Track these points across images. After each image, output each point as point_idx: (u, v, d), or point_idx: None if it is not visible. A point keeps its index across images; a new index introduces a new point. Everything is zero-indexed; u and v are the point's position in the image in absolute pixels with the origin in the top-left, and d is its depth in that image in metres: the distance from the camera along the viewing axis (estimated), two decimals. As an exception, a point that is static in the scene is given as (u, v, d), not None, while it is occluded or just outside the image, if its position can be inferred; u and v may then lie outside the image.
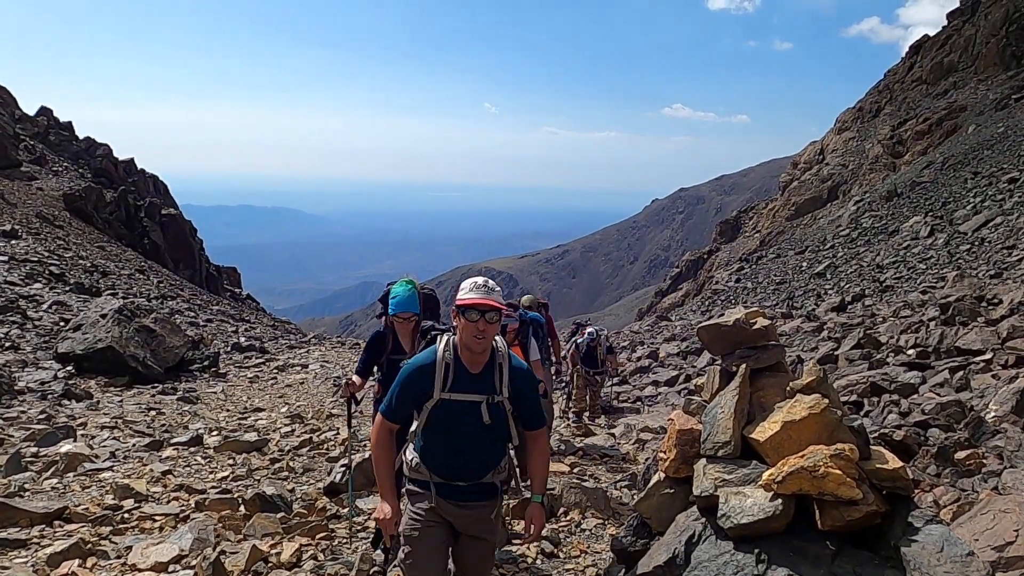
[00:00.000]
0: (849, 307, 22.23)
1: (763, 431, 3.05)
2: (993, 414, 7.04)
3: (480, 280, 3.13)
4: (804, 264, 39.27)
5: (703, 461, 3.26)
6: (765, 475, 2.83)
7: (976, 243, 29.75)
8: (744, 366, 3.23)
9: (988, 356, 8.89)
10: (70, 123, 44.89)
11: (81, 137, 44.27)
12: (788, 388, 3.17)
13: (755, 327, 3.26)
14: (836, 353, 11.77)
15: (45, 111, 44.36)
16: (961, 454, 6.06)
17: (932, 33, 62.28)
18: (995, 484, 5.29)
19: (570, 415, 11.24)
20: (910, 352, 10.32)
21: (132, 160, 44.73)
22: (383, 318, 4.94)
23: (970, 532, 3.65)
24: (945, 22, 60.75)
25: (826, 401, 2.93)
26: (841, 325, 15.43)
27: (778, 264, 42.58)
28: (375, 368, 4.97)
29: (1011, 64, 48.52)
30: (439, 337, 3.19)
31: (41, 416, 8.59)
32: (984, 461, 5.97)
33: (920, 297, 21.40)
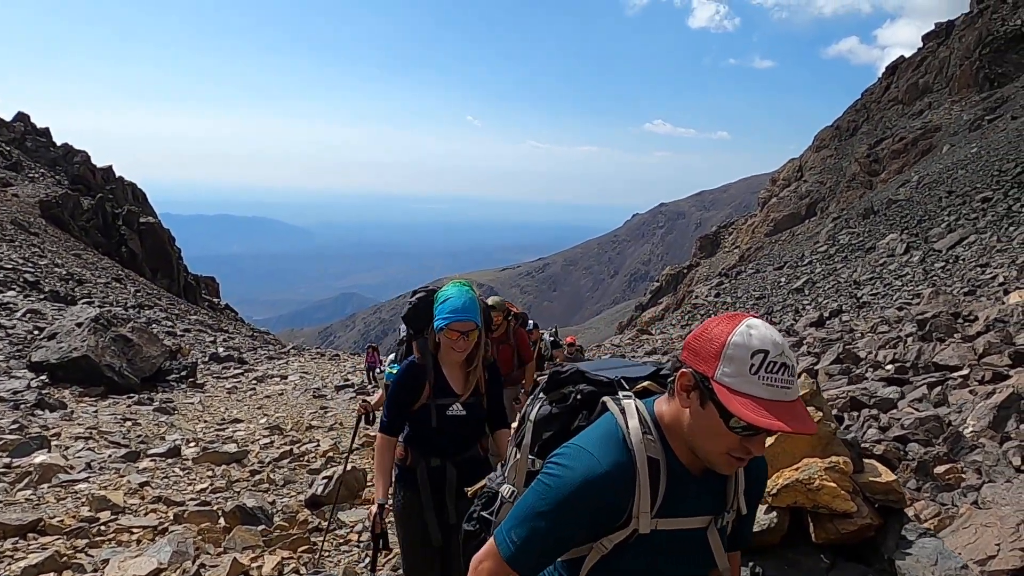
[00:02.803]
0: (827, 322, 22.50)
1: (757, 444, 3.03)
2: (971, 429, 7.12)
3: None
4: (783, 279, 39.67)
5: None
6: (760, 488, 2.83)
7: (951, 260, 30.25)
8: None
9: (965, 372, 8.99)
10: (47, 129, 44.38)
11: (58, 144, 43.78)
12: (781, 401, 3.17)
13: None
14: (816, 368, 11.86)
15: (22, 117, 43.83)
16: (940, 468, 6.11)
17: (908, 55, 63.57)
18: (975, 499, 5.33)
19: None
20: (888, 367, 10.42)
21: (110, 167, 44.26)
22: (413, 342, 3.38)
23: (953, 546, 3.68)
24: (920, 44, 62.04)
25: (820, 414, 2.95)
26: (820, 340, 15.56)
27: (757, 279, 42.98)
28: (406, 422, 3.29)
29: (984, 86, 49.58)
30: (614, 405, 1.66)
31: (13, 426, 8.41)
32: (963, 476, 6.03)
33: (896, 313, 21.69)
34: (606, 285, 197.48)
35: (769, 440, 3.04)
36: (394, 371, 3.45)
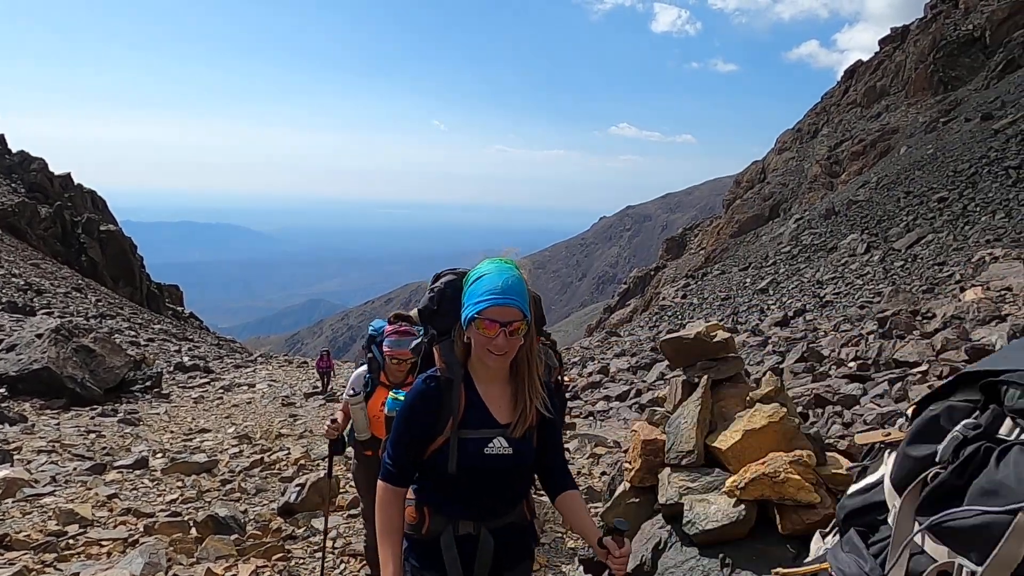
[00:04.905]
0: (791, 322, 22.90)
1: (725, 440, 3.15)
2: (930, 423, 7.34)
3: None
4: (748, 280, 40.27)
5: (667, 470, 3.34)
6: (728, 482, 2.93)
7: (909, 259, 31.02)
8: (706, 377, 3.35)
9: (924, 368, 9.26)
10: (2, 136, 43.31)
11: (14, 151, 42.72)
12: (748, 398, 3.29)
13: (716, 340, 3.38)
14: (781, 366, 12.10)
15: (-24, 123, 42.72)
16: (902, 462, 6.30)
17: (866, 59, 65.03)
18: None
19: None
20: (851, 365, 10.68)
21: (69, 175, 43.34)
22: (434, 347, 2.29)
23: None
24: (878, 48, 63.50)
25: (784, 410, 3.05)
26: (785, 339, 15.87)
27: (723, 280, 43.55)
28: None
29: (939, 89, 50.91)
30: None
31: (-29, 441, 8.23)
32: (924, 469, 6.21)
33: (858, 312, 22.18)
34: (574, 288, 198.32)
35: (736, 436, 3.14)
36: (397, 397, 2.47)
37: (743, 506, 2.91)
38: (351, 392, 3.92)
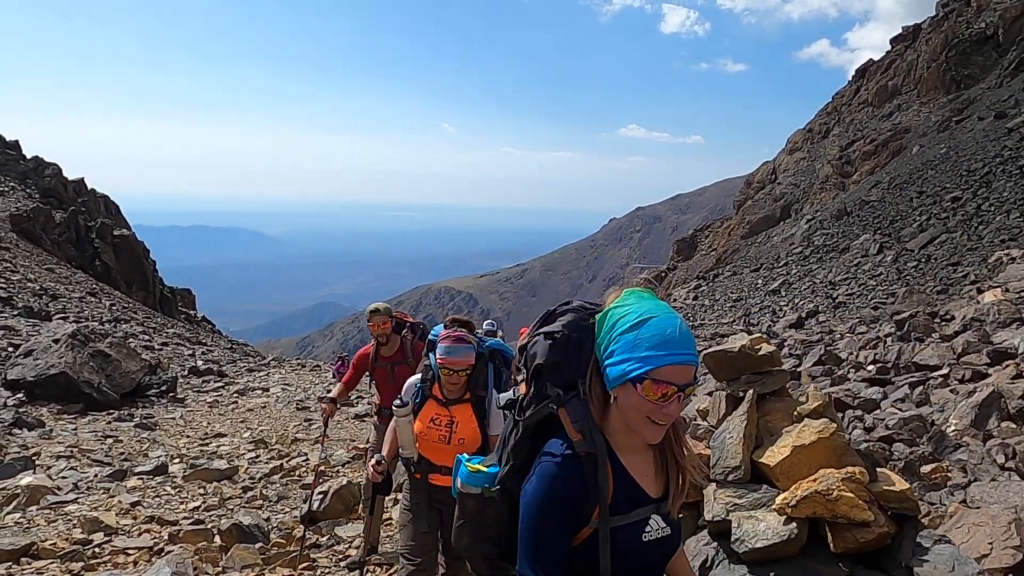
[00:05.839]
0: (805, 323, 22.80)
1: (773, 455, 3.10)
2: (953, 428, 7.26)
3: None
4: (759, 281, 40.10)
5: (713, 486, 3.28)
6: (779, 499, 2.88)
7: (923, 260, 30.81)
8: (752, 391, 3.30)
9: (945, 371, 9.17)
10: (17, 142, 43.63)
11: (29, 156, 43.04)
12: (795, 413, 3.24)
13: (760, 353, 3.33)
14: (799, 370, 12.01)
15: (-10, 129, 43.10)
16: (926, 468, 6.23)
17: (877, 57, 64.70)
18: (962, 497, 5.44)
19: None
20: (870, 368, 10.59)
21: (82, 180, 43.61)
22: (560, 409, 1.69)
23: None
24: (889, 47, 63.15)
25: (834, 426, 3.01)
26: (801, 342, 15.76)
27: (734, 281, 43.38)
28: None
29: (951, 88, 50.57)
30: None
31: (-8, 446, 8.27)
32: (949, 475, 6.14)
33: (872, 313, 22.05)
34: (585, 290, 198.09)
35: (784, 452, 3.09)
36: (477, 468, 1.86)
37: (794, 524, 2.86)
38: (398, 402, 3.43)
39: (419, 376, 3.58)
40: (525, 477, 1.66)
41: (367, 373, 5.47)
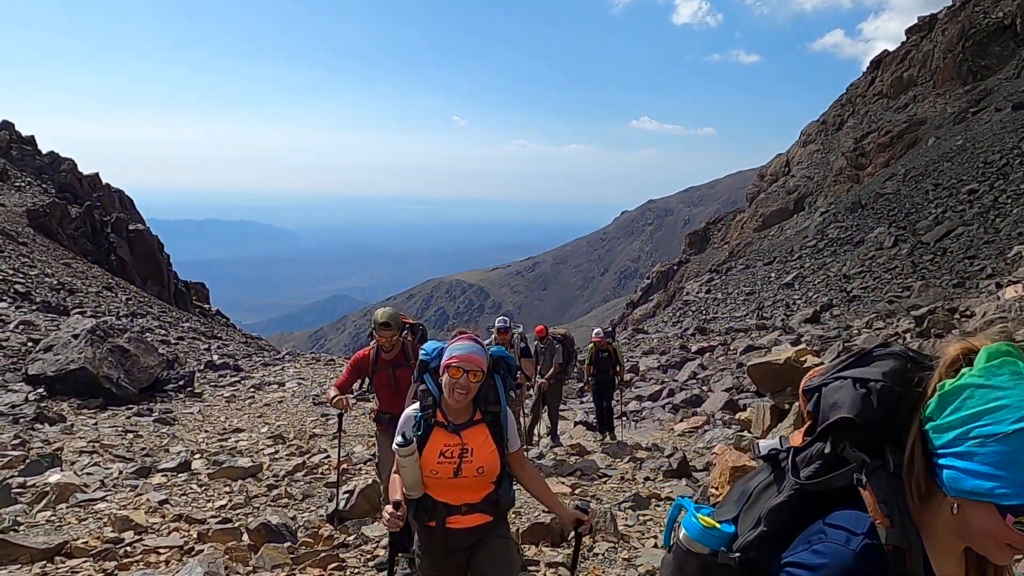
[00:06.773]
0: (821, 318, 22.67)
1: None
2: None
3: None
4: (773, 275, 39.92)
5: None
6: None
7: (938, 253, 30.56)
8: (797, 404, 3.29)
9: (967, 369, 9.10)
10: (32, 137, 43.98)
11: (44, 152, 43.38)
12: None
13: (806, 365, 3.32)
14: (817, 366, 11.97)
15: (7, 125, 43.40)
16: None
17: (892, 48, 64.06)
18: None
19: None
20: (891, 365, 10.53)
21: (97, 175, 43.93)
22: (867, 484, 1.28)
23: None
24: (904, 38, 62.52)
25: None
26: (818, 337, 15.69)
27: (747, 275, 43.21)
28: None
29: (967, 79, 50.03)
30: None
31: (15, 441, 8.36)
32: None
33: (888, 307, 21.90)
34: (596, 283, 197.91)
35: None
36: (713, 524, 1.52)
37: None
38: (400, 441, 2.83)
39: (416, 405, 3.00)
40: (780, 545, 1.33)
41: (366, 377, 5.43)
